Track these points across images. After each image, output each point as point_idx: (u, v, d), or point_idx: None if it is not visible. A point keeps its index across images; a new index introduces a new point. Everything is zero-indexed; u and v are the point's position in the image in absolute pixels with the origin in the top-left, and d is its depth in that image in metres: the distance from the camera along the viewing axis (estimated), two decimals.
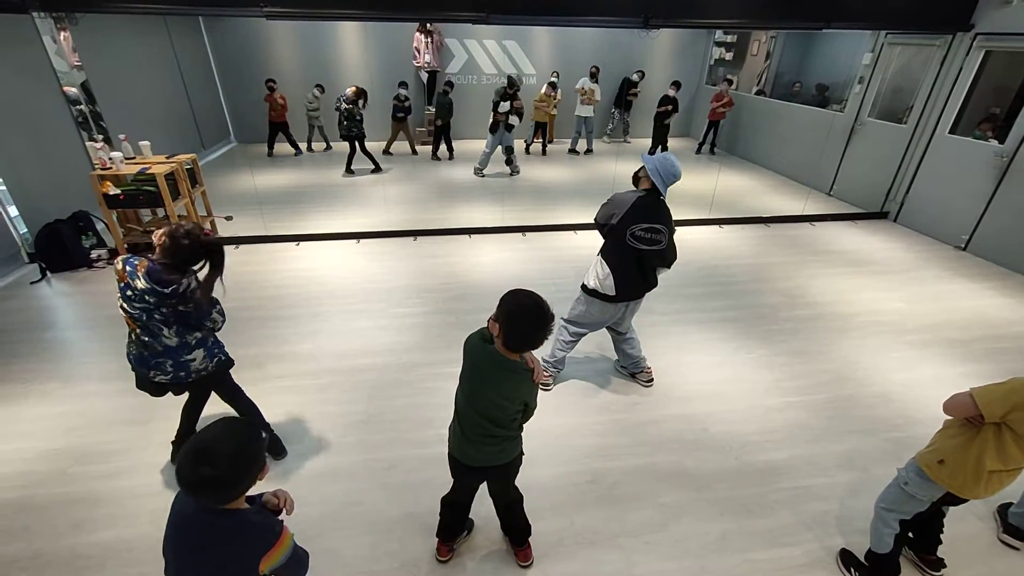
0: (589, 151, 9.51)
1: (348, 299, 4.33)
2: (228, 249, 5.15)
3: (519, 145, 8.94)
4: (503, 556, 2.26)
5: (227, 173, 8.00)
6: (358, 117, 7.53)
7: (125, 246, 4.82)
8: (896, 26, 5.85)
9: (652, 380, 3.37)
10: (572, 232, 5.89)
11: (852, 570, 2.20)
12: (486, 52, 9.91)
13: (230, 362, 2.47)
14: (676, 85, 8.90)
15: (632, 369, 3.39)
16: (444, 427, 2.98)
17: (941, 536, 2.17)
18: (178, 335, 2.23)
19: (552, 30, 9.84)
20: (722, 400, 3.22)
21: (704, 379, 3.43)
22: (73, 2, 4.23)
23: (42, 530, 2.27)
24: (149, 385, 2.34)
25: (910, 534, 2.18)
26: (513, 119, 7.50)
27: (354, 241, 5.49)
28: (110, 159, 4.55)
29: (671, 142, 9.96)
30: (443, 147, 8.81)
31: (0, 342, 3.65)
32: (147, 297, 2.07)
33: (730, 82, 9.14)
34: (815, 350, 3.77)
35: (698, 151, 9.82)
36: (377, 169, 7.98)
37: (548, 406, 3.16)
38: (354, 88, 7.51)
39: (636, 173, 2.91)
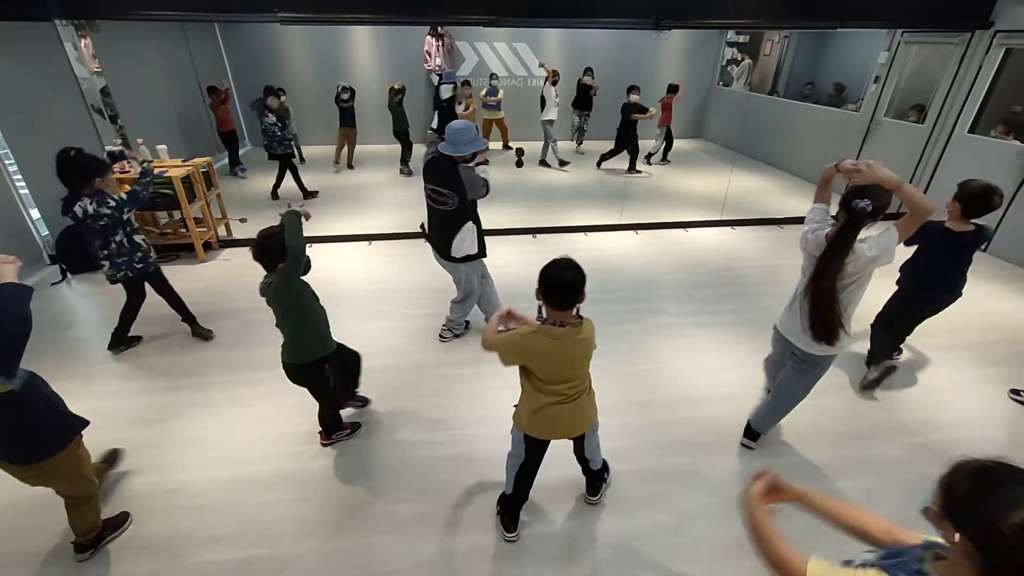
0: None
1: (360, 301, 4.35)
2: (241, 251, 5.32)
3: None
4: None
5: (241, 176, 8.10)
6: (284, 128, 6.54)
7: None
8: (913, 24, 5.76)
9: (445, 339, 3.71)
10: (583, 234, 5.87)
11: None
12: (496, 54, 9.94)
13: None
14: (634, 90, 7.81)
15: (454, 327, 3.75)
16: (457, 428, 3.00)
17: (587, 462, 2.39)
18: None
19: (563, 32, 9.83)
20: (735, 403, 3.18)
21: (717, 382, 3.40)
22: (94, 9, 4.33)
23: (57, 528, 2.31)
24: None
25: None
26: None
27: (365, 243, 5.53)
28: (128, 163, 4.64)
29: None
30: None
31: None
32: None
33: (677, 87, 8.50)
34: None
35: (663, 160, 9.11)
36: (310, 195, 6.96)
37: None
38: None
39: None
